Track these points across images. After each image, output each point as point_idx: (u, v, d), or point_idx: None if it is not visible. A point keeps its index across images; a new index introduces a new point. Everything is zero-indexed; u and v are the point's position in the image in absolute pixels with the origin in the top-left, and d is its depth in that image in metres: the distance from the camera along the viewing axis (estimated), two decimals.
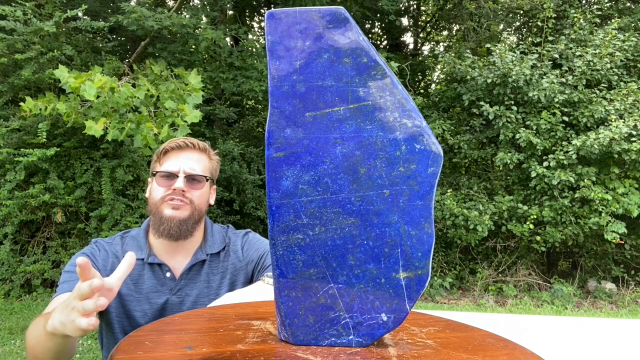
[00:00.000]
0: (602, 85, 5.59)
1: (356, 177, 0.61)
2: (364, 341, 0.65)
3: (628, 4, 6.85)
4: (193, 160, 1.35)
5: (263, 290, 1.17)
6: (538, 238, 5.43)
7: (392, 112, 0.60)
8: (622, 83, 5.67)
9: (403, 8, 8.52)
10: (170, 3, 7.12)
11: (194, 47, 5.36)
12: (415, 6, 9.14)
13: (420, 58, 8.95)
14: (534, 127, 5.44)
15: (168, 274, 1.35)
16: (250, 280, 1.41)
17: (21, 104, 3.80)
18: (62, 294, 1.22)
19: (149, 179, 1.41)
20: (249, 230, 1.51)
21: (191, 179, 1.33)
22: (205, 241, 1.40)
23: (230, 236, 1.45)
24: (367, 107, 0.60)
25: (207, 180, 1.36)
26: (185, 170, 1.32)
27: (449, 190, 5.83)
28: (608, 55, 5.57)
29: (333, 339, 0.65)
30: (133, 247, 1.36)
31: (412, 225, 0.62)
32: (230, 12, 7.72)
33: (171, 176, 1.32)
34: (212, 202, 1.43)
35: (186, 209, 1.32)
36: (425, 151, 0.61)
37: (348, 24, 0.59)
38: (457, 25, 8.70)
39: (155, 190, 1.34)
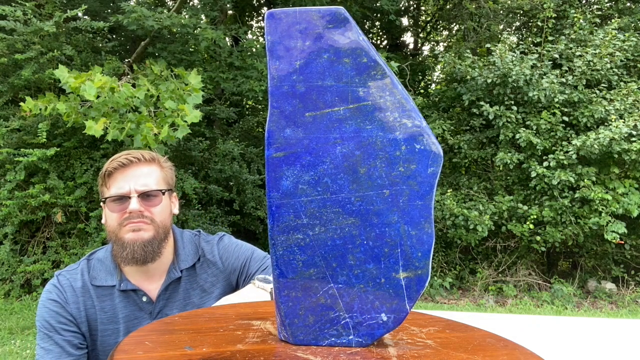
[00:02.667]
0: (602, 85, 5.59)
1: (356, 177, 0.61)
2: (364, 341, 0.65)
3: (628, 4, 6.84)
4: (143, 176, 1.21)
5: (254, 293, 1.13)
6: (538, 238, 5.43)
7: (392, 112, 0.60)
8: (622, 83, 5.67)
9: (403, 8, 8.52)
10: (170, 3, 7.12)
11: (194, 47, 5.36)
12: (415, 6, 9.14)
13: (420, 58, 8.95)
14: (534, 127, 5.44)
15: (144, 298, 1.25)
16: (235, 288, 1.34)
17: (21, 104, 3.80)
18: None
19: (102, 204, 1.25)
20: (222, 234, 1.41)
21: (146, 196, 1.19)
22: (177, 256, 1.29)
23: (204, 246, 1.34)
24: (367, 107, 0.60)
25: (163, 193, 1.23)
26: (136, 189, 1.19)
27: (449, 190, 5.83)
28: (608, 55, 5.57)
29: (333, 339, 0.65)
30: (102, 273, 1.26)
31: (412, 225, 0.62)
32: (230, 12, 7.72)
33: (123, 199, 1.18)
34: (175, 211, 1.32)
35: (148, 229, 1.20)
36: (425, 151, 0.61)
37: (348, 24, 0.59)
38: (457, 25, 8.70)
39: (109, 217, 1.21)
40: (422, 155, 0.61)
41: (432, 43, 9.85)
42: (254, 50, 6.03)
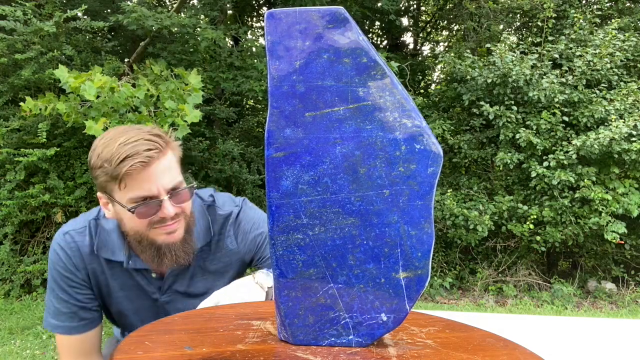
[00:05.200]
0: (602, 85, 5.59)
1: (356, 177, 0.61)
2: (364, 341, 0.65)
3: (628, 4, 6.84)
4: (167, 170, 1.03)
5: (247, 292, 1.06)
6: (538, 238, 5.43)
7: (392, 112, 0.60)
8: (622, 83, 5.67)
9: (403, 8, 8.51)
10: (170, 3, 7.12)
11: (193, 47, 5.36)
12: (415, 6, 9.14)
13: (420, 58, 8.95)
14: (534, 127, 5.44)
15: (154, 275, 1.19)
16: (249, 265, 1.29)
17: (21, 104, 3.80)
18: (67, 338, 1.17)
19: (105, 201, 1.09)
20: (240, 205, 1.26)
21: (174, 192, 1.05)
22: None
23: (220, 221, 1.21)
24: (366, 107, 0.60)
25: (187, 184, 1.10)
26: (165, 188, 1.03)
27: (449, 190, 5.83)
28: (608, 55, 5.57)
29: (333, 339, 0.65)
30: (109, 245, 1.15)
31: (412, 225, 0.62)
32: (230, 12, 7.72)
33: (151, 201, 1.02)
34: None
35: (181, 227, 1.09)
36: (425, 151, 0.61)
37: (348, 24, 0.59)
38: (457, 25, 8.69)
39: (131, 220, 1.05)
40: (422, 155, 0.61)
41: (432, 43, 9.85)
42: (254, 50, 6.03)
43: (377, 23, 8.60)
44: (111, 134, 1.04)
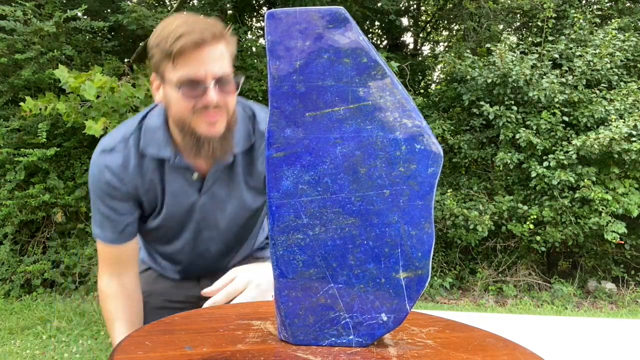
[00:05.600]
0: (602, 85, 5.59)
1: (356, 177, 0.61)
2: (364, 341, 0.65)
3: (628, 4, 6.84)
4: (218, 59, 1.05)
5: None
6: (538, 238, 5.43)
7: (392, 112, 0.60)
8: (622, 83, 5.67)
9: (403, 8, 8.51)
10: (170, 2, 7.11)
11: None
12: (415, 6, 9.14)
13: (420, 58, 8.94)
14: (534, 127, 5.44)
15: (195, 175, 1.20)
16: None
17: (21, 104, 3.80)
18: (108, 247, 1.24)
19: (155, 80, 1.13)
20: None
21: (221, 82, 1.05)
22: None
23: (256, 139, 1.22)
24: (367, 107, 0.60)
25: (235, 78, 1.10)
26: (213, 75, 1.04)
27: (449, 190, 5.83)
28: (608, 55, 5.57)
29: (333, 339, 0.65)
30: (153, 142, 1.16)
31: (412, 225, 0.62)
32: (230, 12, 7.72)
33: (197, 84, 1.03)
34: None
35: (223, 121, 1.09)
36: (426, 151, 0.61)
37: (348, 24, 0.59)
38: (457, 25, 8.69)
39: (176, 100, 1.06)
40: (423, 155, 0.61)
41: (432, 43, 9.85)
42: (253, 50, 6.02)
43: (377, 23, 8.60)
44: (173, 17, 1.09)
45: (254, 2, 8.04)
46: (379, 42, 9.31)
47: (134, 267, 1.32)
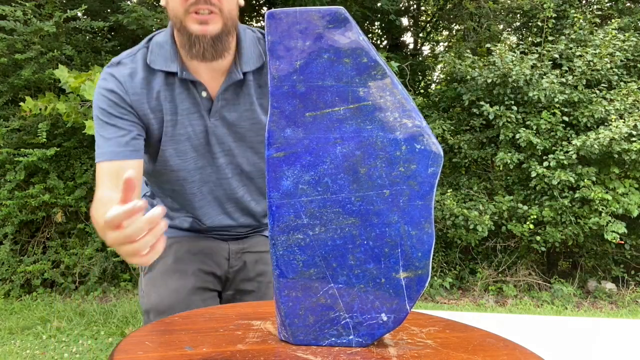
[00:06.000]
0: (602, 85, 5.59)
1: (356, 177, 0.61)
2: (364, 341, 0.65)
3: (628, 4, 6.84)
4: None
5: None
6: (538, 238, 5.43)
7: (392, 112, 0.60)
8: (622, 83, 5.67)
9: (403, 8, 8.51)
10: None
11: None
12: (415, 6, 9.14)
13: (420, 58, 8.94)
14: (534, 127, 5.44)
15: (204, 94, 1.16)
16: None
17: (21, 104, 3.80)
18: (109, 164, 1.11)
19: None
20: None
21: None
22: (240, 56, 1.17)
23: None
24: (367, 107, 0.60)
25: None
26: None
27: (449, 190, 5.83)
28: (608, 55, 5.57)
29: (333, 339, 0.65)
30: (160, 57, 1.16)
31: (412, 225, 0.62)
32: None
33: None
34: (241, 2, 1.18)
35: (216, 21, 1.08)
36: (426, 151, 0.61)
37: (348, 24, 0.59)
38: (457, 25, 8.69)
39: (173, 1, 1.08)
40: (423, 155, 0.61)
41: (432, 43, 9.85)
42: None
43: (377, 23, 8.60)
44: None
45: (254, 2, 8.04)
46: (379, 42, 9.31)
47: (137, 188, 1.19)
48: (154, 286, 1.28)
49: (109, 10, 6.02)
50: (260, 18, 8.77)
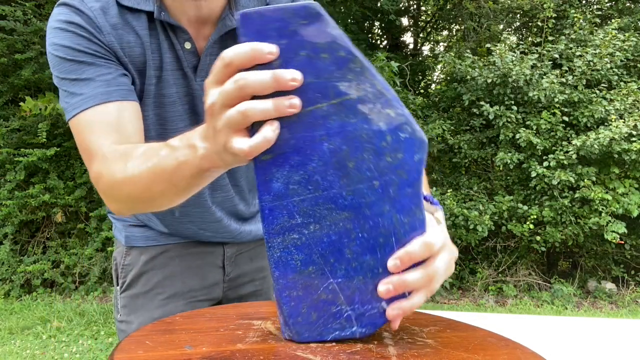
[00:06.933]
0: (602, 85, 5.59)
1: (345, 172, 0.61)
2: (367, 331, 0.66)
3: (628, 4, 6.85)
4: None
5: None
6: (538, 238, 5.43)
7: (375, 104, 0.60)
8: (622, 83, 5.67)
9: (403, 8, 8.52)
10: None
11: None
12: (415, 6, 9.14)
13: (420, 58, 8.95)
14: (534, 127, 5.44)
15: (187, 45, 0.89)
16: None
17: (21, 104, 3.80)
18: (98, 109, 0.79)
19: None
20: None
21: None
22: (235, 1, 0.90)
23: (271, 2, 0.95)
24: (349, 101, 0.60)
25: None
26: None
27: (449, 190, 5.83)
28: (608, 55, 5.57)
29: (337, 332, 0.66)
30: None
31: (403, 213, 0.62)
32: None
33: None
34: None
35: None
36: (410, 139, 0.61)
37: (321, 18, 0.58)
38: (457, 25, 8.70)
39: None
40: (408, 143, 0.61)
41: (432, 43, 9.85)
42: None
43: (377, 23, 8.60)
44: None
45: None
46: (379, 42, 9.31)
47: (139, 137, 0.85)
48: (134, 311, 1.07)
49: None
50: None
